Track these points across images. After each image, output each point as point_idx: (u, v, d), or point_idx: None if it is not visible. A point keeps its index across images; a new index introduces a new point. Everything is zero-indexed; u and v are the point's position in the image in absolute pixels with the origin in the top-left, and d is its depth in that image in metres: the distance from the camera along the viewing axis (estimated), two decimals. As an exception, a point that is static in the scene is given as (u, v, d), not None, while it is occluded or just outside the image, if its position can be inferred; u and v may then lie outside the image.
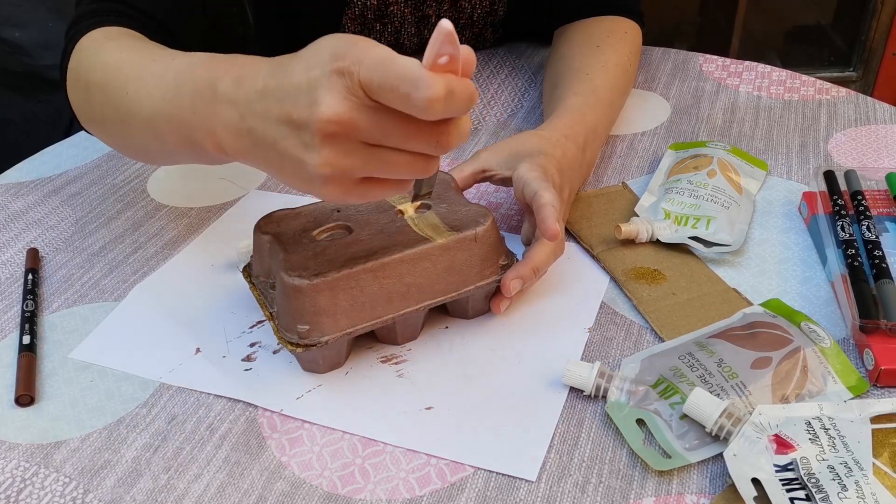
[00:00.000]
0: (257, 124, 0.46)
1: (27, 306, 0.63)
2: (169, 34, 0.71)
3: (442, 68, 0.41)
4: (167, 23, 0.71)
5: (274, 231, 0.58)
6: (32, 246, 0.72)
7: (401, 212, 0.59)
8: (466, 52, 0.41)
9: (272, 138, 0.45)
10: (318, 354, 0.55)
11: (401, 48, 1.00)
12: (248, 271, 0.61)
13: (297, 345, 0.54)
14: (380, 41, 0.97)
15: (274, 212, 0.60)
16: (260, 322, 0.62)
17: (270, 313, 0.57)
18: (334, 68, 0.42)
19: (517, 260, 0.60)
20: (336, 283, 0.53)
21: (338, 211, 0.60)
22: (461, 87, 0.41)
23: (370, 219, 0.59)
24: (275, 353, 0.59)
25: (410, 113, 0.41)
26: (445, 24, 0.39)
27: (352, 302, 0.54)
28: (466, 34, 1.01)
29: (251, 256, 0.61)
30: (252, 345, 0.60)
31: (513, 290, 0.58)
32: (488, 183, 0.76)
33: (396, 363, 0.58)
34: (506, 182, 0.66)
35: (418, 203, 0.60)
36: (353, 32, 0.95)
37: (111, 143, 0.66)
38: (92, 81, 0.61)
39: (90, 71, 0.62)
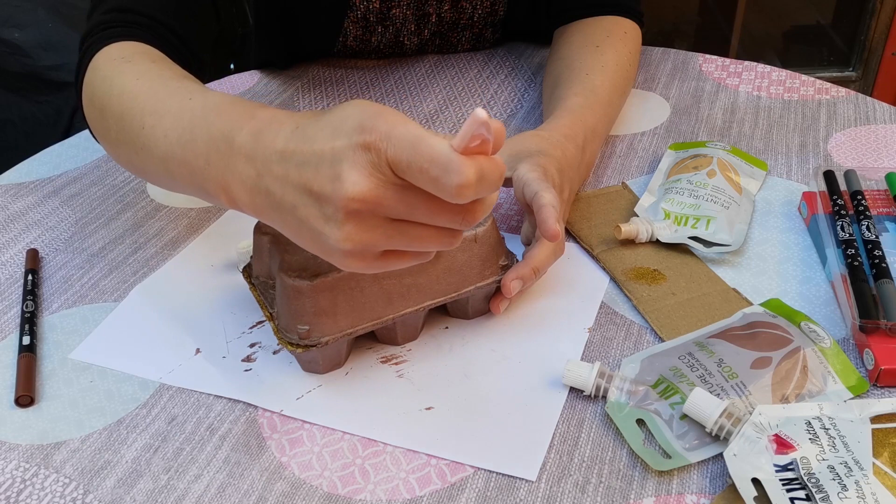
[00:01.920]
0: (275, 187, 0.44)
1: (27, 307, 0.63)
2: (182, 43, 0.70)
3: (473, 150, 0.38)
4: (181, 32, 0.70)
5: (274, 232, 0.58)
6: (32, 247, 0.72)
7: None
8: (497, 127, 0.38)
9: (291, 204, 0.44)
10: (317, 355, 0.55)
11: (401, 47, 1.00)
12: (247, 272, 0.61)
13: (298, 345, 0.54)
14: (380, 42, 0.98)
15: None
16: (259, 323, 0.62)
17: (270, 314, 0.57)
18: (360, 142, 0.40)
19: (517, 260, 0.60)
20: (336, 283, 0.53)
21: None
22: (491, 170, 0.39)
23: None
24: (274, 353, 0.59)
25: (439, 196, 0.39)
26: (480, 114, 0.37)
27: (352, 303, 0.54)
28: (466, 34, 1.01)
29: (251, 257, 0.61)
30: (252, 345, 0.60)
31: (513, 290, 0.58)
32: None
33: (396, 363, 0.58)
34: (506, 183, 0.66)
35: None
36: (355, 35, 0.95)
37: (124, 165, 0.63)
38: (107, 106, 0.60)
39: (107, 95, 0.60)
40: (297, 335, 0.54)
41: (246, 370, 0.58)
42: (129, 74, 0.60)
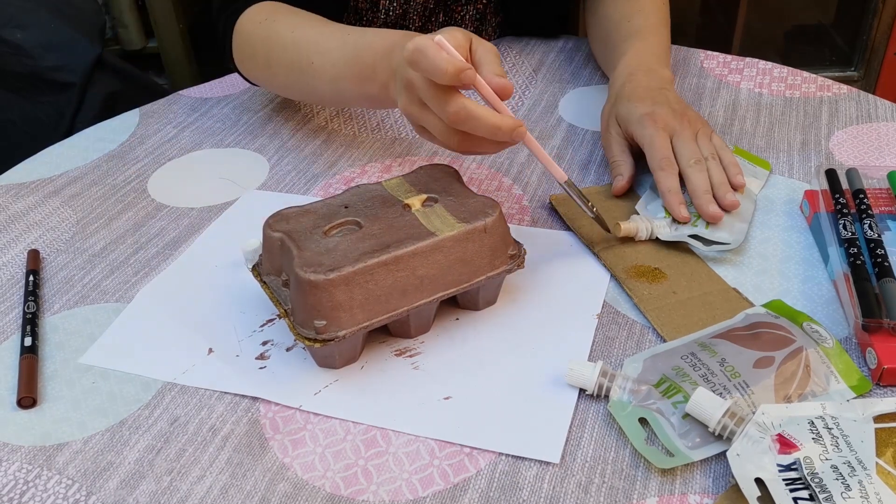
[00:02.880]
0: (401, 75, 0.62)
1: (28, 308, 0.63)
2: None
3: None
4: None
5: (284, 229, 0.58)
6: (33, 247, 0.72)
7: (408, 206, 0.60)
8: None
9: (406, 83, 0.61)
10: (334, 349, 0.55)
11: (405, 17, 1.00)
12: (257, 270, 0.61)
13: (315, 340, 0.54)
14: (389, 6, 0.98)
15: (282, 209, 0.60)
16: (270, 321, 0.62)
17: (285, 310, 0.57)
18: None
19: (524, 251, 0.61)
20: (351, 277, 0.53)
21: (346, 207, 0.60)
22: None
23: (379, 214, 0.59)
24: (288, 350, 0.59)
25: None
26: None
27: (367, 296, 0.54)
28: (469, 9, 1.01)
29: (260, 255, 0.61)
30: (264, 343, 0.60)
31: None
32: (488, 182, 0.76)
33: (411, 356, 0.58)
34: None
35: (425, 196, 0.60)
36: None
37: (289, 95, 0.85)
38: (273, 59, 0.79)
39: (270, 49, 0.79)
40: (315, 330, 0.54)
41: (261, 368, 0.58)
42: (284, 29, 0.78)
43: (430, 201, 0.60)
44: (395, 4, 0.97)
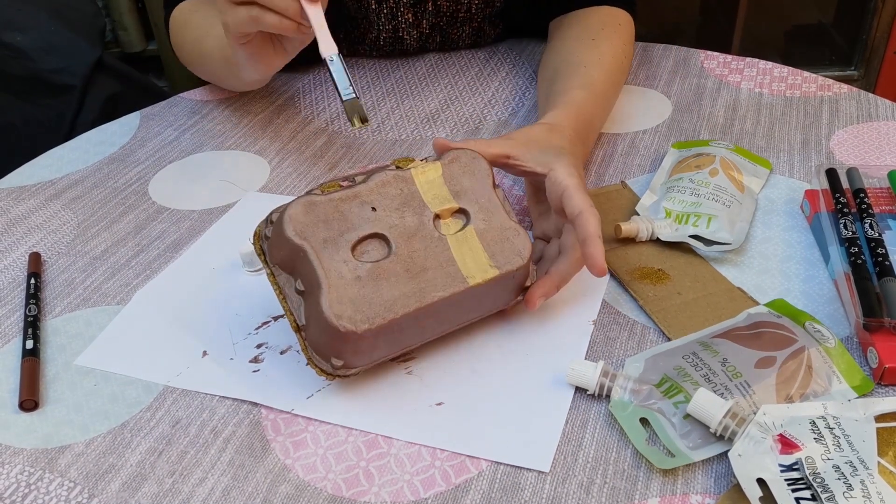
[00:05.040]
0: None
1: (30, 311, 0.63)
2: None
3: None
4: None
5: (308, 235, 0.52)
6: (34, 250, 0.72)
7: (437, 216, 0.56)
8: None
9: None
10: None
11: (401, 42, 1.00)
12: (264, 256, 0.56)
13: (330, 374, 0.54)
14: (379, 34, 0.98)
15: (302, 197, 0.54)
16: (265, 323, 0.62)
17: (297, 325, 0.54)
18: None
19: (536, 275, 0.60)
20: (380, 329, 0.52)
21: (374, 210, 0.54)
22: None
23: (408, 228, 0.54)
24: (282, 353, 0.59)
25: None
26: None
27: (389, 341, 0.54)
28: (466, 29, 1.01)
29: (267, 239, 0.55)
30: (259, 346, 0.60)
31: (537, 306, 0.59)
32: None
33: (405, 361, 0.58)
34: (527, 174, 0.65)
35: (456, 206, 0.56)
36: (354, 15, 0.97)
37: (202, 76, 0.94)
38: (185, 41, 0.90)
39: (183, 35, 0.90)
40: (331, 366, 0.53)
41: (254, 371, 0.58)
42: (197, 17, 0.88)
43: (461, 214, 0.57)
44: (388, 28, 0.98)
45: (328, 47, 0.67)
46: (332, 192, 0.54)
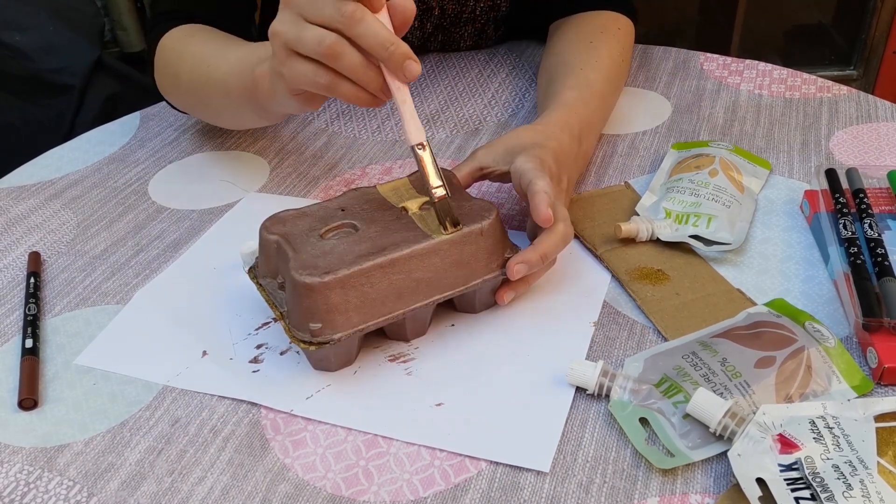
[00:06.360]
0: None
1: (29, 310, 0.63)
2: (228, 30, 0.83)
3: None
4: (225, 28, 0.82)
5: (281, 231, 0.58)
6: (34, 249, 0.72)
7: (405, 209, 0.60)
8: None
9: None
10: (329, 352, 0.55)
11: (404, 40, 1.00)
12: (253, 272, 0.61)
13: (311, 343, 0.54)
14: None
15: (279, 212, 0.60)
16: (265, 324, 0.62)
17: (281, 313, 0.57)
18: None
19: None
20: (347, 280, 0.53)
21: (342, 210, 0.60)
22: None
23: (375, 217, 0.59)
24: (282, 354, 0.59)
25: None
26: None
27: (363, 298, 0.54)
28: (468, 29, 1.01)
29: (256, 258, 0.61)
30: (259, 346, 0.60)
31: (517, 273, 0.58)
32: (489, 182, 0.76)
33: (405, 361, 0.58)
34: (504, 178, 0.66)
35: (422, 200, 0.60)
36: None
37: (186, 106, 0.82)
38: (182, 70, 0.77)
39: (179, 63, 0.78)
40: (310, 333, 0.54)
41: (254, 371, 0.58)
42: (196, 43, 0.78)
43: (428, 205, 0.60)
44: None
45: (418, 133, 0.56)
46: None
